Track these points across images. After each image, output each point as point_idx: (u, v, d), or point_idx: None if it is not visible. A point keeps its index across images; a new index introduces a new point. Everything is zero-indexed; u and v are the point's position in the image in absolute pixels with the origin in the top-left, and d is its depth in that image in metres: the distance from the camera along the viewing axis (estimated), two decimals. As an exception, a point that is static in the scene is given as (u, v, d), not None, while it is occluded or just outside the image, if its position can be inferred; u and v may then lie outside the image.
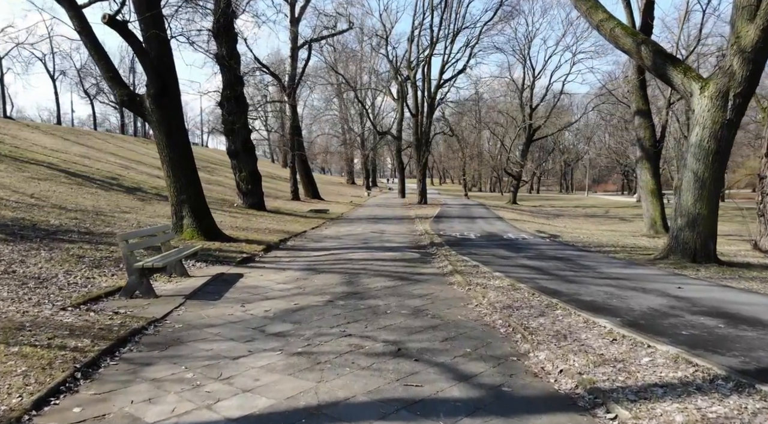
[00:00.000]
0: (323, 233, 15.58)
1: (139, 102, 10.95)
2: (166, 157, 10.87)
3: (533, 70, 48.99)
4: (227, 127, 21.34)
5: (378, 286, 7.37)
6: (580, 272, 8.67)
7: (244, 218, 17.58)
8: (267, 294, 6.89)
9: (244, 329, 5.27)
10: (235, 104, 21.00)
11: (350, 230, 16.52)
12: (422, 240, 13.86)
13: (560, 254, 11.39)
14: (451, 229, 17.62)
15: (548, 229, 20.11)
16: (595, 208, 43.94)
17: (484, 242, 13.85)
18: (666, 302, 6.42)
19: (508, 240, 14.36)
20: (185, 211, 10.91)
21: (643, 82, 20.21)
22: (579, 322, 5.34)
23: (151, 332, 5.17)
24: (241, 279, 7.93)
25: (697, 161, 10.13)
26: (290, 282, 7.71)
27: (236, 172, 21.51)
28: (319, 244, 12.73)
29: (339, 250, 11.49)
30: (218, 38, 20.51)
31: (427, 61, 37.46)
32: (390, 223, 19.97)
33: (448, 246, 12.15)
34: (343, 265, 9.29)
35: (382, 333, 5.05)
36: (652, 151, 19.79)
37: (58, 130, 36.88)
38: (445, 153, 77.33)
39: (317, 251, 11.25)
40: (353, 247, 12.12)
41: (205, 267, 8.84)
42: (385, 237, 14.62)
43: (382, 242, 13.40)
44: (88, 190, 17.11)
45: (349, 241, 13.48)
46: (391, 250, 11.63)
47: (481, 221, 21.93)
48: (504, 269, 8.83)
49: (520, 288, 6.99)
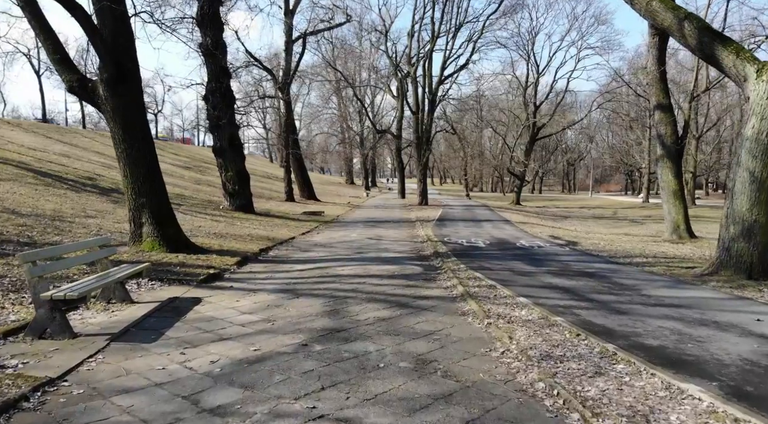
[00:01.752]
0: (313, 240, 13.90)
1: (91, 89, 9.28)
2: (122, 154, 9.20)
3: (537, 66, 47.39)
4: (212, 123, 19.68)
5: (370, 318, 5.70)
6: (623, 295, 6.99)
7: (227, 222, 15.90)
8: (223, 331, 5.22)
9: (171, 398, 3.60)
10: (221, 98, 19.32)
11: (344, 236, 14.84)
12: (424, 248, 12.19)
13: (589, 267, 9.70)
14: (456, 234, 15.94)
15: (561, 233, 18.44)
16: (602, 209, 42.27)
17: (496, 251, 12.16)
18: (757, 346, 4.76)
19: (523, 249, 12.68)
20: (145, 217, 9.23)
21: (664, 73, 18.52)
22: (657, 388, 3.68)
23: (33, 404, 3.50)
24: (197, 306, 6.26)
25: (754, 158, 8.46)
26: (258, 311, 6.04)
27: (222, 171, 19.85)
28: (306, 254, 11.05)
29: (328, 262, 9.81)
30: (203, 27, 18.85)
31: (428, 56, 35.80)
32: (389, 227, 18.30)
33: (455, 257, 10.48)
34: (329, 284, 7.62)
35: (370, 411, 3.37)
36: (674, 149, 18.08)
37: (41, 128, 35.21)
38: (445, 152, 75.59)
39: (302, 264, 9.56)
40: (345, 258, 10.45)
41: (158, 287, 7.17)
42: (382, 244, 12.95)
43: (379, 250, 11.73)
44: (56, 191, 15.45)
45: (342, 250, 11.80)
46: (389, 261, 9.95)
47: (488, 225, 20.25)
48: (528, 291, 7.15)
49: (557, 323, 5.32)
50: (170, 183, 26.08)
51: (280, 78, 29.71)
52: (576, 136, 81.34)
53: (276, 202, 27.78)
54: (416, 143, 35.60)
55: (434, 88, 35.36)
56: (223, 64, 19.26)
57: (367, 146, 59.61)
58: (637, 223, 28.41)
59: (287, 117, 30.95)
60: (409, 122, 43.73)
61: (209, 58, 19.16)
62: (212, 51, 18.80)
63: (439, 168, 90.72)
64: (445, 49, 36.23)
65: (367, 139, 60.03)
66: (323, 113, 59.26)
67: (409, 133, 48.18)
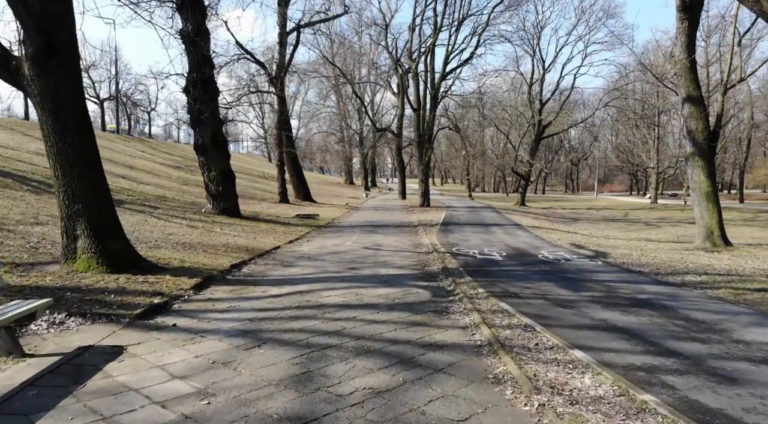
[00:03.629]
0: (301, 250, 11.98)
1: (14, 68, 7.37)
2: (52, 148, 7.28)
3: (543, 62, 45.42)
4: (193, 118, 17.76)
5: (357, 391, 3.78)
6: (712, 342, 5.07)
7: (205, 228, 13.99)
8: (128, 419, 3.32)
9: None
10: (203, 90, 17.41)
11: (337, 245, 12.92)
12: (430, 262, 10.27)
13: (640, 292, 7.75)
14: (465, 242, 14.01)
15: (581, 240, 16.50)
16: (610, 210, 40.37)
17: (517, 266, 10.21)
18: None
19: (548, 263, 10.73)
20: (81, 228, 7.31)
21: (694, 62, 16.62)
22: None
23: None
24: (111, 363, 4.35)
25: None
26: (196, 374, 4.13)
27: (204, 170, 17.94)
28: (288, 271, 9.12)
29: (311, 283, 7.89)
30: (182, 11, 16.98)
31: (430, 50, 33.89)
32: (388, 233, 16.39)
33: (469, 276, 8.55)
34: (306, 321, 5.70)
35: None
36: (707, 146, 16.13)
37: (21, 125, 33.31)
38: (447, 152, 73.51)
39: (278, 287, 7.64)
40: (334, 276, 8.52)
41: (75, 328, 5.26)
42: (380, 256, 11.04)
43: (376, 265, 9.81)
44: (12, 193, 13.59)
45: (331, 264, 9.88)
46: (388, 282, 8.03)
47: (499, 231, 18.30)
48: (579, 335, 5.22)
49: (648, 407, 3.40)
50: (154, 184, 24.21)
51: (273, 72, 27.82)
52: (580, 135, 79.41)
53: (268, 204, 25.88)
54: (417, 141, 33.66)
55: (437, 84, 33.44)
56: (206, 52, 17.35)
57: (367, 145, 57.65)
58: (653, 226, 26.48)
59: (280, 113, 29.05)
60: (410, 120, 41.82)
61: (190, 45, 17.27)
62: (193, 38, 16.91)
63: (440, 168, 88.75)
64: (447, 44, 34.35)
65: (366, 138, 58.10)
66: (321, 112, 57.30)
67: (410, 132, 46.28)
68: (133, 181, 23.40)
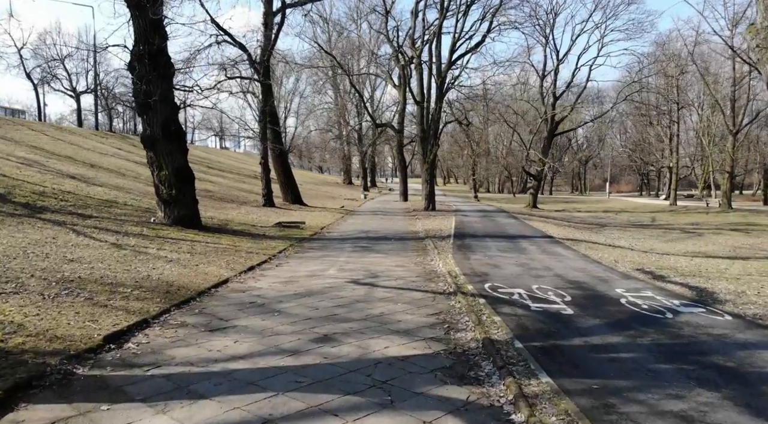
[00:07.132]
0: (254, 288, 8.05)
1: None
2: None
3: (557, 52, 41.37)
4: (139, 101, 13.85)
5: None
6: None
7: (134, 249, 10.04)
8: None
9: None
10: (152, 66, 13.50)
11: (313, 276, 9.00)
12: (457, 321, 6.32)
13: None
14: (497, 271, 10.06)
15: (640, 260, 12.56)
16: (628, 213, 36.27)
17: (604, 329, 6.16)
18: None
19: (647, 320, 6.59)
20: None
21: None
22: None
23: None
24: None
25: None
26: None
27: (154, 169, 14.01)
28: (206, 347, 5.17)
29: (230, 395, 3.99)
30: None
31: (435, 35, 29.98)
32: (388, 251, 12.49)
33: (538, 364, 4.64)
34: None
35: None
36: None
37: None
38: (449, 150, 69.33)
39: (160, 404, 3.74)
40: (282, 370, 4.62)
41: None
42: (375, 305, 7.13)
43: (367, 329, 5.90)
44: None
45: (290, 326, 5.94)
46: (387, 394, 4.12)
47: (532, 247, 14.31)
48: None
49: None
50: (111, 185, 20.21)
51: (257, 57, 23.94)
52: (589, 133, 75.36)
53: (248, 209, 21.98)
54: (421, 137, 29.68)
55: (443, 73, 29.50)
56: (154, 15, 13.40)
57: (366, 143, 53.69)
58: (692, 234, 22.30)
59: (264, 103, 25.11)
60: (413, 116, 37.90)
61: (135, 9, 13.39)
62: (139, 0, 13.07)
63: (443, 167, 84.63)
64: (454, 30, 30.37)
65: (366, 136, 54.14)
66: (318, 108, 53.28)
67: (411, 129, 42.34)
68: (84, 181, 19.32)
